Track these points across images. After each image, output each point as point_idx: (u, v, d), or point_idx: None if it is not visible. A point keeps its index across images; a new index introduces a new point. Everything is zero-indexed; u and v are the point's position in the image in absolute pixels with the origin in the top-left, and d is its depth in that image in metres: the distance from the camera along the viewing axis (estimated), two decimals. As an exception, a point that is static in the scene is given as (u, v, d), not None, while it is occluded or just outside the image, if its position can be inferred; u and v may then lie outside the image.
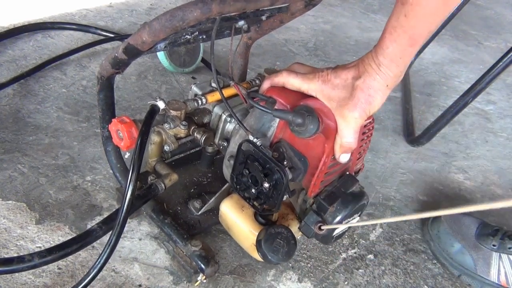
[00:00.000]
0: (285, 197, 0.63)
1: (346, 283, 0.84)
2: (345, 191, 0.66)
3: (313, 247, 0.90)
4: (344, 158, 0.62)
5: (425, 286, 0.87)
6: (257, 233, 0.69)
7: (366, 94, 0.58)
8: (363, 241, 0.94)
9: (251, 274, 0.82)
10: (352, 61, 0.61)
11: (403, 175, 1.15)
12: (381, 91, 0.58)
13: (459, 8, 1.49)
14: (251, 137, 0.64)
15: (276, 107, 0.65)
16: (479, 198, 1.13)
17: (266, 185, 0.62)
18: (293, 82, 0.64)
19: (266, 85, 0.69)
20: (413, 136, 1.27)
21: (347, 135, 0.60)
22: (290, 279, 0.83)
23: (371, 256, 0.91)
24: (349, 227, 0.73)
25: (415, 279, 0.88)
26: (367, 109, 0.59)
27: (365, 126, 0.68)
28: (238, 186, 0.68)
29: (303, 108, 0.62)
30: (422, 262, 0.92)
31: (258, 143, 0.63)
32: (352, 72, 0.59)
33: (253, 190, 0.66)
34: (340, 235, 0.71)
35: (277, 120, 0.67)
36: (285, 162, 0.64)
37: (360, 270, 0.88)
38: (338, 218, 0.65)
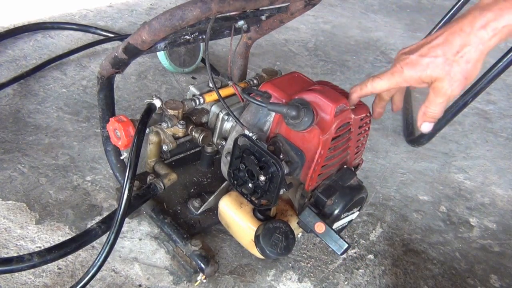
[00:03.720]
0: (282, 191, 0.63)
1: (346, 283, 0.84)
2: (343, 184, 0.66)
3: (313, 247, 0.90)
4: (425, 127, 0.61)
5: (425, 286, 0.87)
6: (255, 229, 0.69)
7: (464, 69, 0.54)
8: (363, 241, 0.94)
9: (251, 274, 0.82)
10: (434, 33, 0.57)
11: (403, 175, 1.15)
12: (480, 62, 0.54)
13: (459, 8, 1.49)
14: (246, 131, 0.64)
15: (271, 101, 0.65)
16: (479, 198, 1.13)
17: (262, 178, 0.62)
18: (380, 85, 0.61)
19: (355, 98, 0.66)
20: (413, 136, 1.27)
21: (433, 104, 0.58)
22: (290, 279, 0.83)
23: (371, 256, 0.91)
24: (349, 223, 0.73)
25: (415, 279, 0.88)
26: (463, 83, 0.55)
27: (361, 120, 0.68)
28: (235, 182, 0.68)
29: (297, 101, 0.62)
30: (422, 262, 0.92)
31: (253, 137, 0.64)
32: (442, 47, 0.55)
33: (250, 185, 0.66)
34: (341, 230, 0.71)
35: (273, 114, 0.67)
36: (281, 156, 0.64)
37: (360, 270, 0.88)
38: (336, 212, 0.65)
